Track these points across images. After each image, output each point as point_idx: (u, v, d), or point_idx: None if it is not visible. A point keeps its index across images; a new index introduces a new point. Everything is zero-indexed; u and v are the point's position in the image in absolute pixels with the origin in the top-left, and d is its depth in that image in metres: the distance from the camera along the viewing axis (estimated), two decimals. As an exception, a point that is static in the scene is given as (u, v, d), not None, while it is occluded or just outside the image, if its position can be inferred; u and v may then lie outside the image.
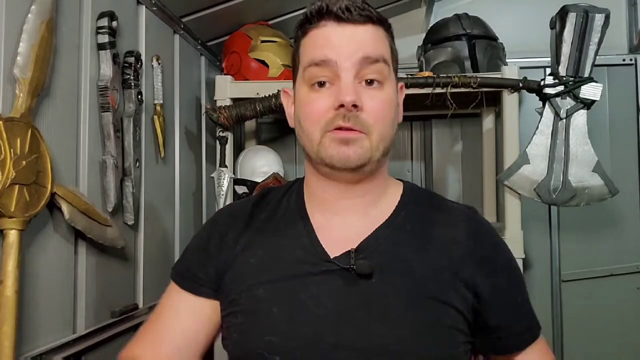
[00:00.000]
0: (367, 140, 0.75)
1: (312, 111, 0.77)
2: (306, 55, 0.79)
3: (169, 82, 1.55)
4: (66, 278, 1.07)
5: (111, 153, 1.19)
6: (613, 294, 2.00)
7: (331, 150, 0.75)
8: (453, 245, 0.79)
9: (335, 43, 0.76)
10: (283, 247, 0.81)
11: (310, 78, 0.77)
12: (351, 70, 0.75)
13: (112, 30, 1.18)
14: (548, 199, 1.61)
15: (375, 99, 0.76)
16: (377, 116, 0.76)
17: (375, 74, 0.76)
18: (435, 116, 2.06)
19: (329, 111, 0.75)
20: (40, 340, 0.98)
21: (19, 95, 0.91)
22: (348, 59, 0.75)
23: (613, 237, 2.02)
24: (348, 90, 0.74)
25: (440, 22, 1.87)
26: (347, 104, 0.73)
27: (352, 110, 0.73)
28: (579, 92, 1.58)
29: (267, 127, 2.23)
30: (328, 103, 0.75)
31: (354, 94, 0.74)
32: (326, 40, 0.77)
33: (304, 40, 0.81)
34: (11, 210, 0.87)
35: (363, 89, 0.76)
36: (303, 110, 0.79)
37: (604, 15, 1.55)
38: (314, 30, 0.79)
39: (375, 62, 0.76)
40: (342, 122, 0.74)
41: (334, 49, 0.76)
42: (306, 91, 0.78)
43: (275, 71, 1.75)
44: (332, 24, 0.77)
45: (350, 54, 0.75)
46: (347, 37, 0.76)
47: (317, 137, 0.76)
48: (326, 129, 0.75)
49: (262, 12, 1.85)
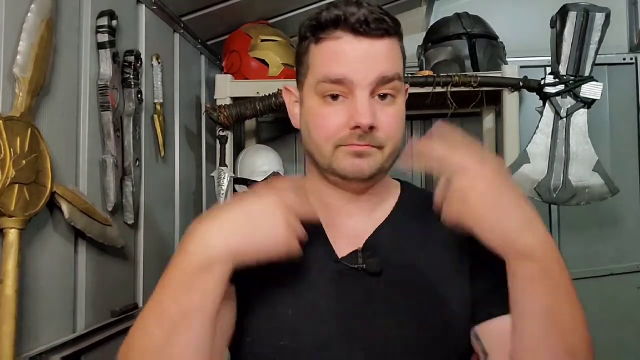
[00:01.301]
0: (380, 153, 0.75)
1: (325, 125, 0.75)
2: (320, 67, 0.76)
3: (169, 81, 1.55)
4: (66, 277, 1.07)
5: (111, 152, 1.19)
6: (613, 293, 2.00)
7: (344, 162, 0.75)
8: (452, 239, 0.78)
9: (351, 60, 0.74)
10: None
11: (323, 91, 0.75)
12: (367, 88, 0.73)
13: (111, 29, 1.18)
14: (548, 198, 1.61)
15: (389, 114, 0.75)
16: (391, 132, 0.75)
17: (390, 90, 0.75)
18: (435, 115, 2.05)
19: (343, 129, 0.74)
20: (40, 340, 0.98)
21: (19, 94, 0.91)
22: (365, 79, 0.73)
23: (613, 237, 2.02)
24: (365, 111, 0.72)
25: (441, 21, 1.86)
26: (364, 127, 0.72)
27: (367, 132, 0.73)
28: (580, 91, 1.58)
29: (267, 126, 2.23)
30: (342, 120, 0.74)
31: (371, 115, 0.72)
32: (342, 55, 0.74)
33: (316, 48, 0.77)
34: (11, 210, 0.87)
35: (377, 104, 0.75)
36: (314, 122, 0.77)
37: (604, 14, 1.55)
38: (328, 41, 0.76)
39: (391, 81, 0.75)
40: (357, 141, 0.74)
41: (350, 66, 0.73)
42: (318, 102, 0.76)
43: (275, 70, 1.75)
44: (349, 37, 0.74)
45: (367, 72, 0.73)
46: (364, 54, 0.74)
47: (330, 151, 0.76)
48: (340, 144, 0.75)
49: (262, 11, 1.84)
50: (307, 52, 0.79)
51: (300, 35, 0.81)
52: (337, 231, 0.80)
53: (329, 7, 0.76)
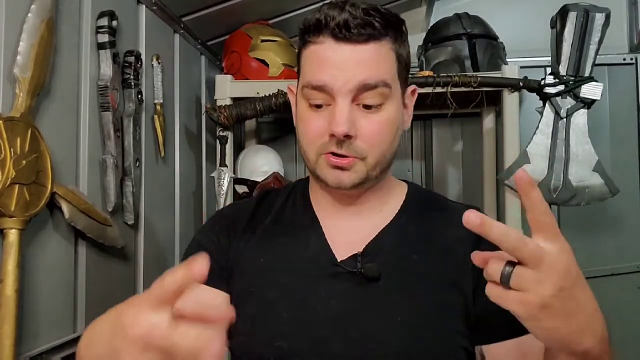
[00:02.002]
0: (362, 164, 0.74)
1: (308, 131, 0.76)
2: (304, 73, 0.77)
3: (169, 82, 1.55)
4: (66, 277, 1.07)
5: (111, 152, 1.19)
6: (613, 294, 2.00)
7: (325, 172, 0.76)
8: (456, 245, 0.78)
9: (331, 66, 0.72)
10: (292, 249, 0.80)
11: (307, 98, 0.76)
12: (348, 95, 0.72)
13: (112, 30, 1.18)
14: (548, 199, 1.61)
15: (373, 122, 0.74)
16: (373, 141, 0.74)
17: (374, 99, 0.73)
18: (435, 115, 2.06)
19: (323, 135, 0.74)
20: (40, 340, 0.98)
21: (19, 94, 0.91)
22: (344, 85, 0.72)
23: (613, 237, 2.02)
24: (341, 119, 0.71)
25: (441, 22, 1.86)
26: (339, 135, 0.71)
27: (344, 141, 0.72)
28: (580, 91, 1.58)
29: (267, 127, 2.23)
30: (323, 126, 0.74)
31: (347, 123, 0.71)
32: (322, 62, 0.73)
33: (304, 52, 0.78)
34: (11, 210, 0.87)
35: (360, 112, 0.73)
36: (300, 127, 0.78)
37: (605, 15, 1.55)
38: (312, 46, 0.76)
39: (374, 88, 0.72)
40: (336, 149, 0.73)
41: (330, 72, 0.72)
42: (305, 107, 0.77)
43: (275, 70, 1.75)
44: (330, 42, 0.73)
45: (347, 79, 0.72)
46: (345, 60, 0.72)
47: (313, 158, 0.76)
48: (320, 151, 0.75)
49: (262, 12, 1.84)
50: (300, 55, 0.80)
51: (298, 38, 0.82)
52: (337, 234, 0.80)
53: (315, 11, 0.76)
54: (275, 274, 0.78)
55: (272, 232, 0.82)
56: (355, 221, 0.81)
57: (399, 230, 0.80)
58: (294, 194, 0.88)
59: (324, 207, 0.83)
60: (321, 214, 0.83)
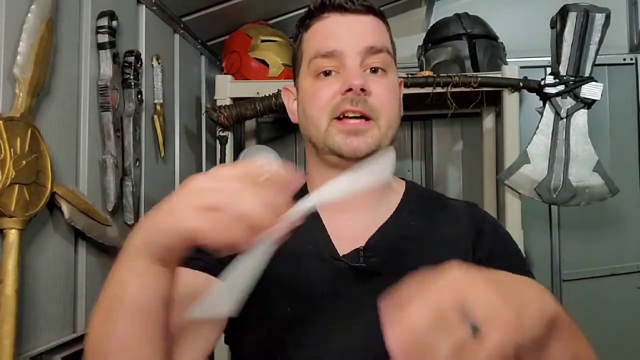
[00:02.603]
0: (376, 127, 0.76)
1: (319, 97, 0.77)
2: (311, 48, 0.80)
3: (169, 82, 1.55)
4: (66, 278, 1.07)
5: (111, 152, 1.19)
6: (614, 294, 2.00)
7: (339, 139, 0.76)
8: (457, 241, 0.79)
9: (340, 33, 0.78)
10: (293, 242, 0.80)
11: (316, 69, 0.78)
12: (357, 58, 0.76)
13: (112, 30, 1.18)
14: (548, 199, 1.61)
15: (382, 84, 0.77)
16: (385, 101, 0.77)
17: (380, 62, 0.78)
18: (435, 116, 2.05)
19: (336, 96, 0.76)
20: (40, 340, 0.98)
21: (19, 94, 0.91)
22: (353, 48, 0.76)
23: (613, 237, 2.02)
24: (357, 74, 0.75)
25: (441, 22, 1.86)
26: (356, 87, 0.74)
27: (360, 94, 0.74)
28: (580, 91, 1.58)
29: (267, 127, 2.23)
30: (335, 88, 0.76)
31: (362, 78, 0.75)
32: (331, 30, 0.79)
33: (307, 35, 0.82)
34: (11, 210, 0.87)
35: (368, 75, 0.77)
36: (309, 99, 0.79)
37: (605, 15, 1.55)
38: (317, 23, 0.80)
39: (379, 52, 0.78)
40: (350, 106, 0.74)
41: (339, 39, 0.77)
42: (312, 81, 0.79)
43: (275, 70, 1.75)
44: (335, 15, 0.79)
45: (355, 43, 0.77)
46: (351, 27, 0.78)
47: (324, 125, 0.76)
48: (333, 115, 0.76)
49: (262, 12, 1.84)
50: (300, 43, 0.83)
51: (294, 36, 0.85)
52: (339, 227, 0.80)
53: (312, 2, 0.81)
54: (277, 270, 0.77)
55: None
56: (356, 214, 0.80)
57: (400, 224, 0.80)
58: None
59: None
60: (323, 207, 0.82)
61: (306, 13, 0.82)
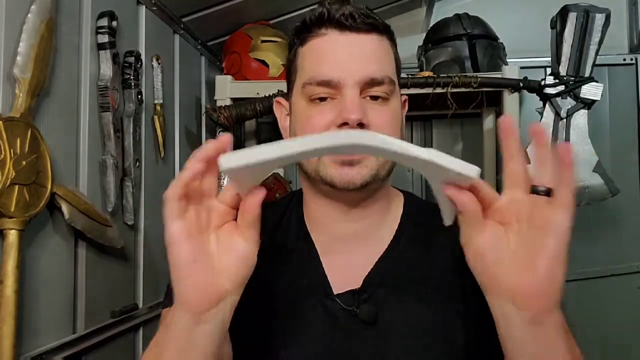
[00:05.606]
0: (374, 159, 0.69)
1: (311, 126, 0.70)
2: (306, 70, 0.72)
3: (169, 82, 1.55)
4: (66, 278, 1.07)
5: (111, 153, 1.19)
6: (613, 294, 2.00)
7: (332, 170, 0.69)
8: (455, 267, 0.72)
9: (338, 59, 0.70)
10: (286, 273, 0.75)
11: (310, 94, 0.71)
12: (356, 87, 0.69)
13: (112, 30, 1.18)
14: (548, 199, 1.61)
15: (382, 114, 0.70)
16: (385, 133, 0.67)
17: (381, 92, 0.71)
18: (435, 116, 2.06)
19: (330, 127, 0.69)
20: (40, 340, 0.98)
21: (19, 95, 0.91)
22: (352, 78, 0.69)
23: (613, 237, 2.02)
24: (354, 107, 0.67)
25: (441, 22, 1.86)
26: (352, 122, 0.66)
27: (357, 129, 0.66)
28: (580, 92, 1.58)
29: (267, 127, 2.22)
30: (330, 118, 0.69)
31: (360, 111, 0.67)
32: (328, 55, 0.71)
33: (302, 50, 0.74)
34: (11, 210, 0.87)
35: (368, 103, 0.70)
36: (301, 125, 0.72)
37: (605, 15, 1.55)
38: (313, 40, 0.72)
39: (380, 84, 0.70)
40: None
41: (337, 66, 0.69)
42: (305, 105, 0.72)
43: (275, 71, 1.75)
44: (334, 32, 0.71)
45: (354, 71, 0.69)
46: (352, 51, 0.70)
47: None
48: None
49: (262, 12, 1.84)
50: (295, 57, 0.76)
51: (289, 44, 0.78)
52: (334, 261, 0.75)
53: (314, 8, 0.73)
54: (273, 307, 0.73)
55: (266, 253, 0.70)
56: (352, 242, 0.76)
57: (397, 258, 0.75)
58: (290, 209, 0.82)
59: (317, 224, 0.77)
60: (314, 233, 0.77)
61: (302, 25, 0.74)
